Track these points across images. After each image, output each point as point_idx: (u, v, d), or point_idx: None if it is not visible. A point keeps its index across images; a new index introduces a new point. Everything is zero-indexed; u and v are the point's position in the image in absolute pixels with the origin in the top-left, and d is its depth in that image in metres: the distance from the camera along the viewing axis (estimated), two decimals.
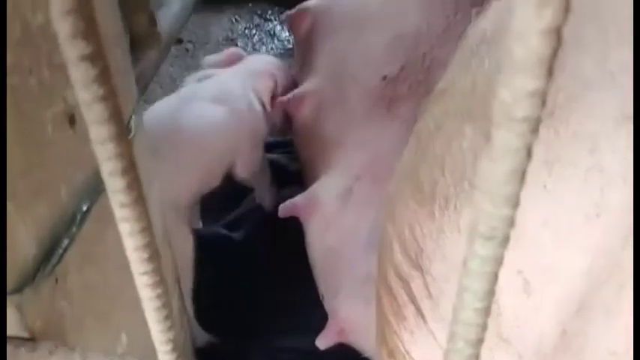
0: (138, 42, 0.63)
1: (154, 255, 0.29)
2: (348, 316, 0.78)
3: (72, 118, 0.44)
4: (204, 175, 0.97)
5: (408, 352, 0.53)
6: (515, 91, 0.20)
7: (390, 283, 0.55)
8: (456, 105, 0.60)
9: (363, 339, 0.79)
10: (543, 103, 0.20)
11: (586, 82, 0.51)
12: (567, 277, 0.43)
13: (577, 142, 0.48)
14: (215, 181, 0.99)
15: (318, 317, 0.87)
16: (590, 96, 0.49)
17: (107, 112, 0.24)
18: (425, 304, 0.51)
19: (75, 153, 0.44)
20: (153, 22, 0.66)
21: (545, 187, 0.47)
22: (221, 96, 1.02)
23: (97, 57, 0.23)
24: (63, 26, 0.22)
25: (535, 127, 0.21)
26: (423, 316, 0.51)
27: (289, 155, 1.19)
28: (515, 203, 0.23)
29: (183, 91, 1.05)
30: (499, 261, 0.25)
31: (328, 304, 0.83)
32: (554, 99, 0.50)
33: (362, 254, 0.78)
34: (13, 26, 0.37)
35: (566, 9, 0.18)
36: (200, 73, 1.09)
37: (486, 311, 0.27)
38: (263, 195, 1.14)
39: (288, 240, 0.93)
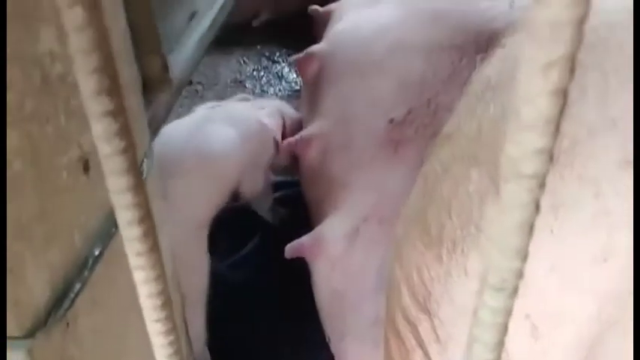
0: (150, 86, 0.65)
1: (166, 302, 0.30)
2: (355, 359, 0.77)
3: (86, 164, 0.45)
4: (215, 195, 0.99)
5: None
6: (522, 148, 0.20)
7: (398, 326, 0.55)
8: (462, 149, 0.61)
9: None
10: (551, 159, 0.21)
11: (589, 128, 0.51)
12: (575, 322, 0.43)
13: (582, 186, 0.48)
14: (223, 201, 1.01)
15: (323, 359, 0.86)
16: (593, 141, 0.50)
17: (126, 164, 0.25)
18: (433, 348, 0.51)
19: (88, 198, 0.45)
20: (165, 66, 0.67)
21: (552, 231, 0.47)
22: (232, 119, 1.07)
23: (118, 112, 0.24)
24: (88, 84, 0.23)
25: (543, 182, 0.21)
26: None
27: (296, 195, 1.20)
28: (525, 255, 0.24)
29: (196, 115, 1.10)
30: (509, 312, 0.25)
31: (334, 347, 0.82)
32: (559, 145, 0.51)
33: (369, 296, 0.78)
34: (34, 75, 0.38)
35: (572, 70, 0.18)
36: (211, 103, 1.15)
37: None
38: (266, 215, 1.17)
39: (294, 280, 0.93)
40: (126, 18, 0.51)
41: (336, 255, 0.85)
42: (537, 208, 0.22)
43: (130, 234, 0.27)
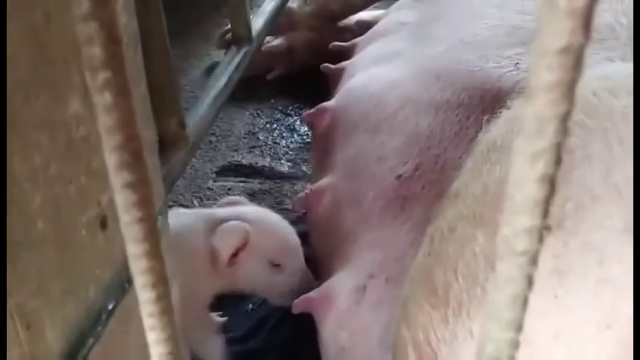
0: (166, 144, 0.67)
1: None
2: None
3: (104, 221, 0.46)
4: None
5: None
6: (514, 228, 0.22)
7: None
8: (468, 209, 0.62)
9: None
10: (540, 238, 0.22)
11: (593, 194, 0.53)
12: None
13: (585, 253, 0.49)
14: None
15: None
16: (597, 208, 0.51)
17: (143, 232, 0.27)
18: None
19: (104, 254, 0.47)
20: (182, 125, 0.70)
21: (555, 296, 0.48)
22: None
23: (138, 185, 0.26)
24: (111, 158, 0.25)
25: (534, 259, 0.23)
26: None
27: (305, 247, 1.20)
28: (519, 327, 0.25)
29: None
30: None
31: None
32: (563, 208, 0.52)
33: (375, 356, 0.78)
34: (60, 139, 0.41)
35: (557, 161, 0.20)
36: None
37: None
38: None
39: (304, 338, 0.92)
40: (146, 78, 0.54)
41: (343, 311, 0.85)
42: (530, 283, 0.23)
43: (144, 296, 0.28)
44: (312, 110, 1.15)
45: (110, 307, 0.46)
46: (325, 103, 1.13)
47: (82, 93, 0.42)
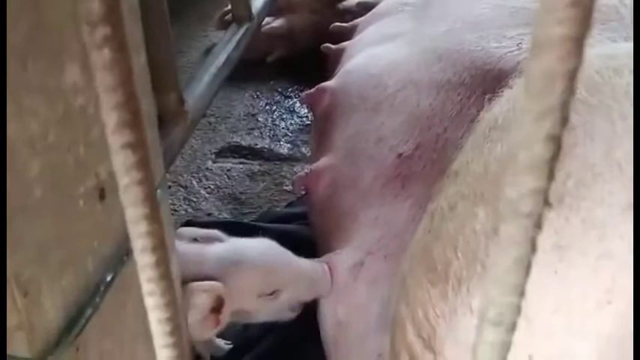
0: (165, 119, 0.67)
1: (175, 330, 0.31)
2: None
3: (102, 193, 0.46)
4: None
5: None
6: (519, 189, 0.22)
7: None
8: (468, 187, 0.62)
9: None
10: (545, 201, 0.22)
11: (594, 171, 0.52)
12: None
13: (586, 230, 0.49)
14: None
15: None
16: (599, 185, 0.51)
17: (142, 195, 0.26)
18: None
19: (102, 225, 0.46)
20: (181, 100, 0.69)
21: (556, 272, 0.48)
22: None
23: (138, 145, 0.25)
24: (111, 117, 0.24)
25: (538, 222, 0.22)
26: None
27: (305, 227, 1.20)
28: (521, 292, 0.24)
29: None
30: (507, 347, 0.26)
31: None
32: (564, 184, 0.52)
33: (373, 331, 0.78)
34: (57, 108, 0.40)
35: (564, 121, 0.20)
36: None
37: None
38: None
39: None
40: (146, 53, 0.53)
41: (341, 287, 0.85)
42: (533, 246, 0.23)
43: (143, 261, 0.28)
44: (311, 90, 1.14)
45: (108, 278, 0.46)
46: (325, 84, 1.13)
47: (81, 63, 0.42)
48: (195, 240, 0.86)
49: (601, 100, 0.60)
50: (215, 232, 0.89)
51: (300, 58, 1.83)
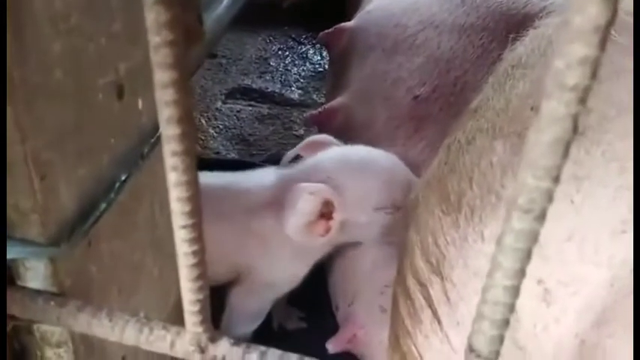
0: (184, 35, 0.66)
1: (194, 210, 0.30)
2: (363, 323, 0.78)
3: (120, 90, 0.46)
4: None
5: (421, 356, 0.53)
6: (569, 58, 0.21)
7: (409, 286, 0.55)
8: (488, 122, 0.61)
9: (373, 353, 0.78)
10: (593, 74, 0.21)
11: (619, 107, 0.51)
12: (590, 290, 0.44)
13: (606, 162, 0.48)
14: None
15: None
16: (622, 120, 0.50)
17: (172, 57, 0.26)
18: (442, 310, 0.51)
19: (119, 124, 0.46)
20: (200, 20, 0.68)
21: (572, 201, 0.47)
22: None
23: (170, 3, 0.24)
24: None
25: (583, 97, 0.22)
26: (439, 321, 0.51)
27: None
28: (556, 177, 0.24)
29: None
30: (534, 237, 0.26)
31: (343, 313, 0.83)
32: (587, 118, 0.51)
33: (381, 264, 0.78)
34: None
35: None
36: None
37: (515, 291, 0.28)
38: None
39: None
40: None
41: None
42: (575, 126, 0.22)
43: (168, 131, 0.27)
44: (329, 30, 1.12)
45: (123, 177, 0.46)
46: (343, 24, 1.10)
47: None
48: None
49: (629, 41, 0.58)
50: (329, 137, 0.85)
51: (316, 5, 1.79)
